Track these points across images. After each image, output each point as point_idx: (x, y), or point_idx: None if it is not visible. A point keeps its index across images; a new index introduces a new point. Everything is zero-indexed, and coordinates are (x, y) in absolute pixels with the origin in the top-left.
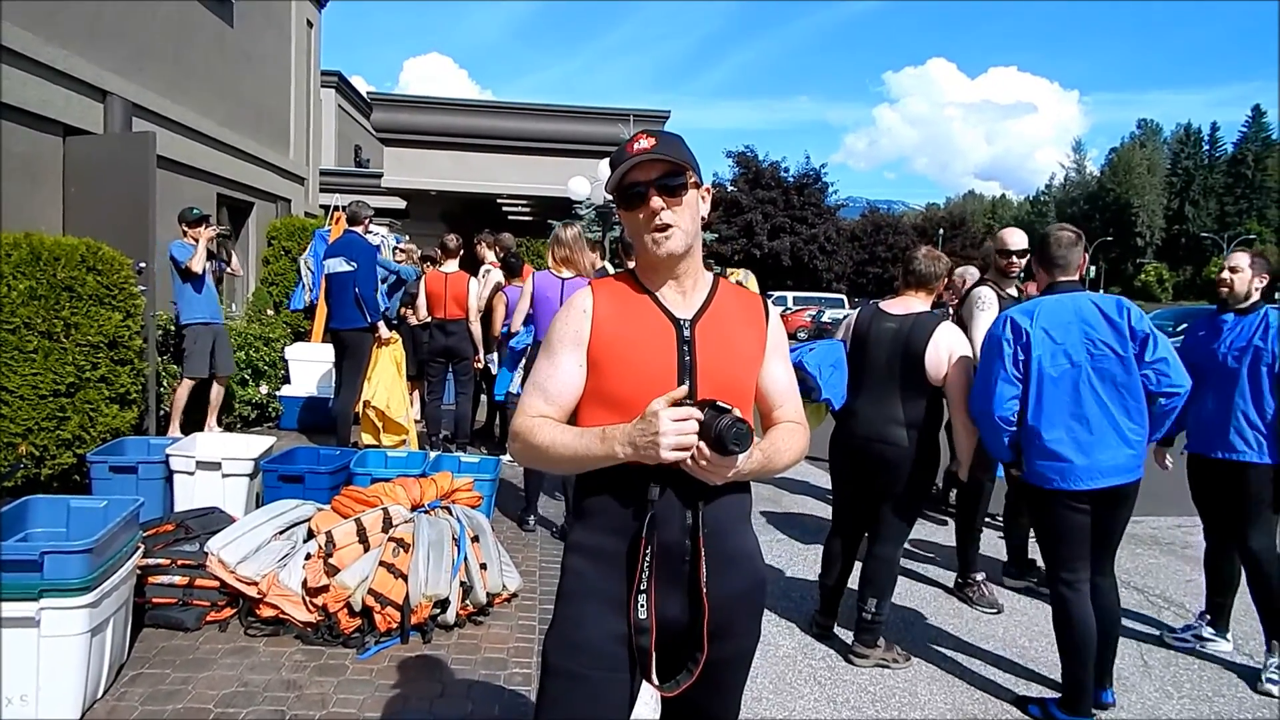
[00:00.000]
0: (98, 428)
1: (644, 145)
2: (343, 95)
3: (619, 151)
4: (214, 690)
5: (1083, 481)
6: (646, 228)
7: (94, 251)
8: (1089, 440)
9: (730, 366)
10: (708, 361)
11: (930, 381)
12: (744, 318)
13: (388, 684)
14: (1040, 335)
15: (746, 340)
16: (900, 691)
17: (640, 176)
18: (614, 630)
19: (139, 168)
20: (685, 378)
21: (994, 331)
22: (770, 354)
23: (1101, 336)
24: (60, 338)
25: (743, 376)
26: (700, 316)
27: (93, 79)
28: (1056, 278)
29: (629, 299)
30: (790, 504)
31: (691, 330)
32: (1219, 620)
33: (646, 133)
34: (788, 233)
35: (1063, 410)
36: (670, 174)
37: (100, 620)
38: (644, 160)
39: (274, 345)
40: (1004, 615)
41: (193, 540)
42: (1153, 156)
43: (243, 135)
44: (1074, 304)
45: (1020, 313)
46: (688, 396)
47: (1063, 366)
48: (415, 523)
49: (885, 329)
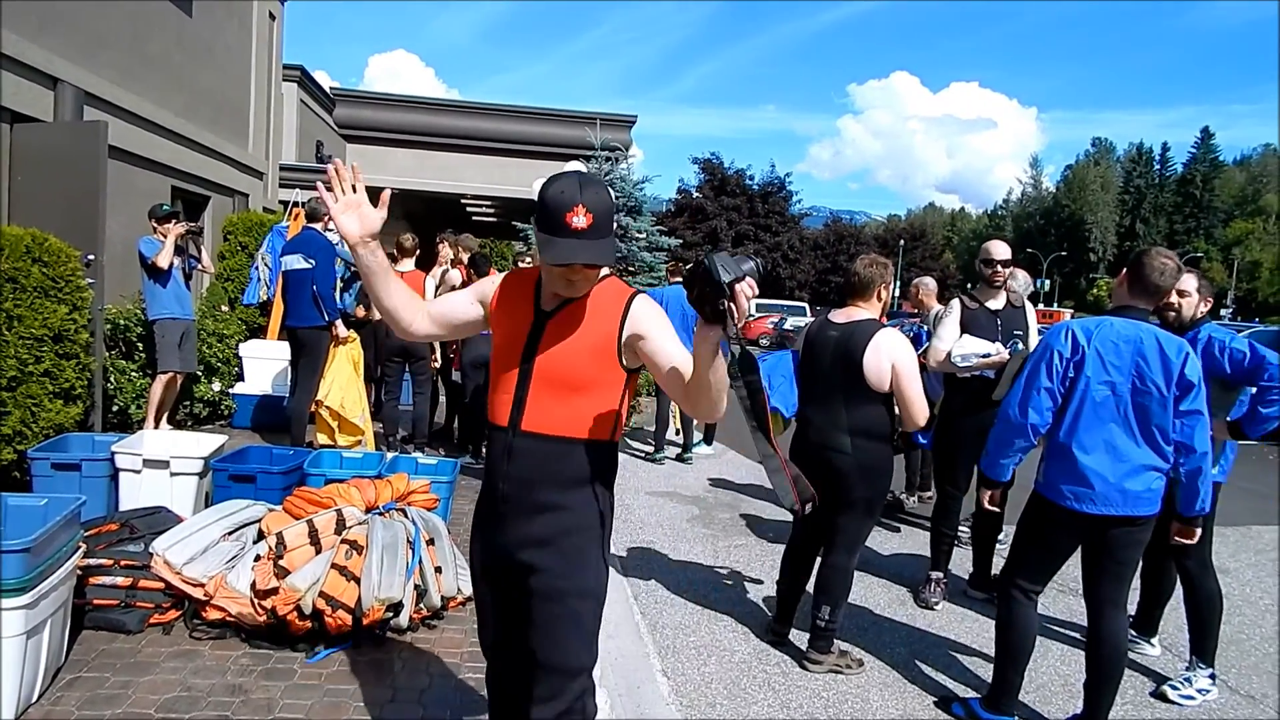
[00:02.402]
0: (40, 423)
1: (581, 225)
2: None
3: (557, 212)
4: (155, 695)
5: (1097, 507)
6: (562, 278)
7: (40, 242)
8: (1116, 468)
9: (568, 353)
10: (547, 345)
11: (873, 388)
12: (599, 311)
13: (337, 689)
14: (1094, 355)
15: (595, 331)
16: (853, 697)
17: (570, 257)
18: (481, 554)
19: (90, 157)
20: (526, 360)
21: (1049, 340)
22: (646, 335)
23: (1152, 375)
24: (2, 330)
25: (582, 362)
26: (558, 311)
27: (43, 65)
28: (1134, 301)
29: (522, 288)
30: (750, 509)
31: (545, 321)
32: (1147, 629)
33: (583, 204)
34: (752, 240)
35: (1097, 434)
36: (594, 265)
37: (37, 622)
38: (578, 253)
39: (228, 342)
40: (959, 622)
41: (137, 540)
42: (1106, 174)
43: (200, 128)
44: (1136, 333)
45: (1081, 328)
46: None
47: (1105, 393)
48: (369, 525)
49: (829, 337)
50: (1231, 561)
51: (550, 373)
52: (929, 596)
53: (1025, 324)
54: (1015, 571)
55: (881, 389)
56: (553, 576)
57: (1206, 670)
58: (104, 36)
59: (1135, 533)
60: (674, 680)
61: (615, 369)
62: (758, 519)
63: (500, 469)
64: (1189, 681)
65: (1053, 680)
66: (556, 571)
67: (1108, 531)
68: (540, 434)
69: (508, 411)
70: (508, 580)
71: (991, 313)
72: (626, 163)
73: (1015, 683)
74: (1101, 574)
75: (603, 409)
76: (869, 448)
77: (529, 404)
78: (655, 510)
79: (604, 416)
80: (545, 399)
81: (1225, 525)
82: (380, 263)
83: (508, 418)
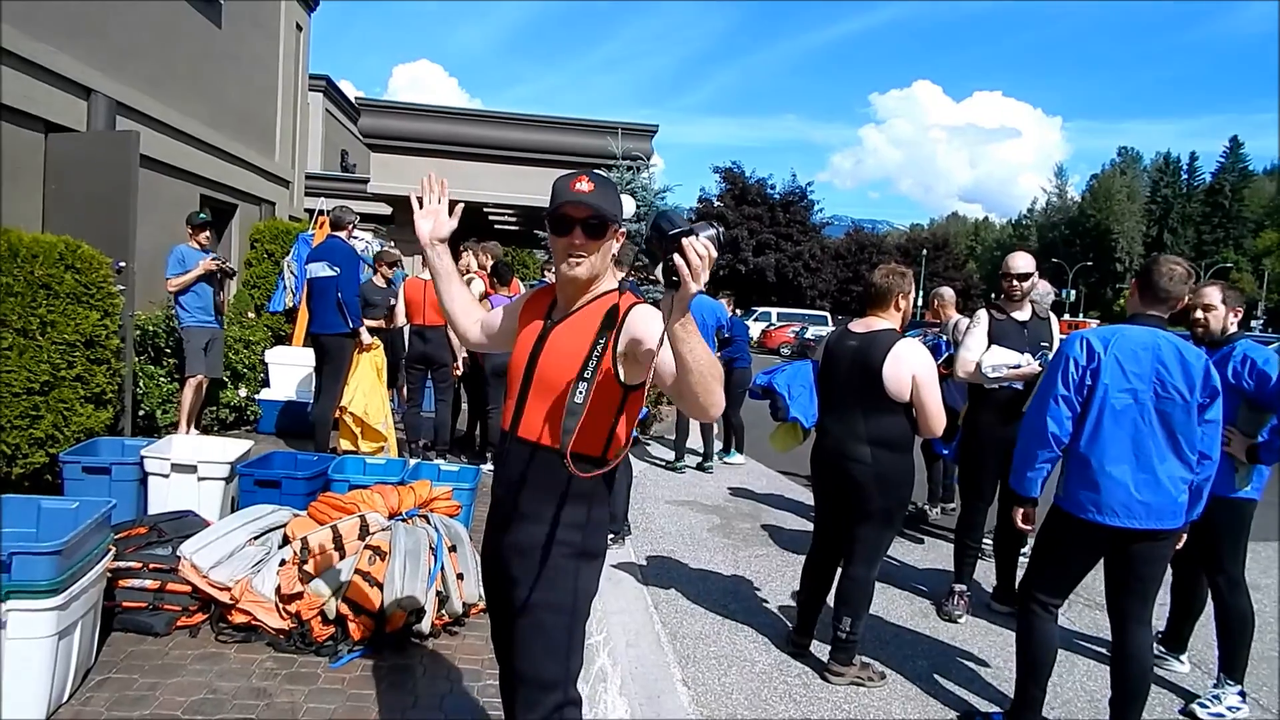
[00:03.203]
0: (71, 427)
1: (583, 188)
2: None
3: (564, 183)
4: (182, 697)
5: (1119, 519)
6: (564, 254)
7: (73, 249)
8: (1138, 478)
9: (562, 362)
10: (547, 354)
11: (892, 398)
12: (596, 322)
13: (359, 693)
14: (1112, 363)
15: (590, 341)
16: (875, 710)
17: (572, 212)
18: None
19: (121, 166)
20: (530, 367)
21: (1065, 349)
22: (644, 339)
23: (1173, 381)
24: (36, 335)
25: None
26: (562, 320)
27: (77, 75)
28: (1147, 309)
29: (541, 302)
30: (771, 519)
31: (550, 330)
32: (1176, 646)
33: (588, 176)
34: (773, 249)
35: (1118, 445)
36: (594, 218)
37: (68, 623)
38: (579, 201)
39: (254, 348)
40: (982, 636)
41: (165, 544)
42: (1132, 184)
43: (227, 137)
44: (1154, 340)
45: (1096, 336)
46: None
47: (1126, 400)
48: (392, 531)
49: (847, 347)
50: (1263, 578)
51: (545, 380)
52: (952, 609)
53: (1050, 335)
54: (1034, 585)
55: (901, 399)
56: (524, 588)
57: (1235, 687)
58: (134, 47)
59: (1158, 547)
60: (694, 690)
61: (610, 381)
62: (778, 529)
63: (498, 474)
64: (1218, 699)
65: (1078, 696)
66: (528, 584)
67: (1129, 546)
68: (529, 440)
69: (510, 417)
70: (497, 586)
71: (1019, 324)
72: (648, 172)
73: (1037, 697)
74: (1125, 591)
75: (593, 423)
76: (888, 458)
77: (525, 411)
78: (676, 519)
79: (594, 431)
80: (538, 407)
81: (1256, 541)
82: (447, 266)
83: (509, 423)
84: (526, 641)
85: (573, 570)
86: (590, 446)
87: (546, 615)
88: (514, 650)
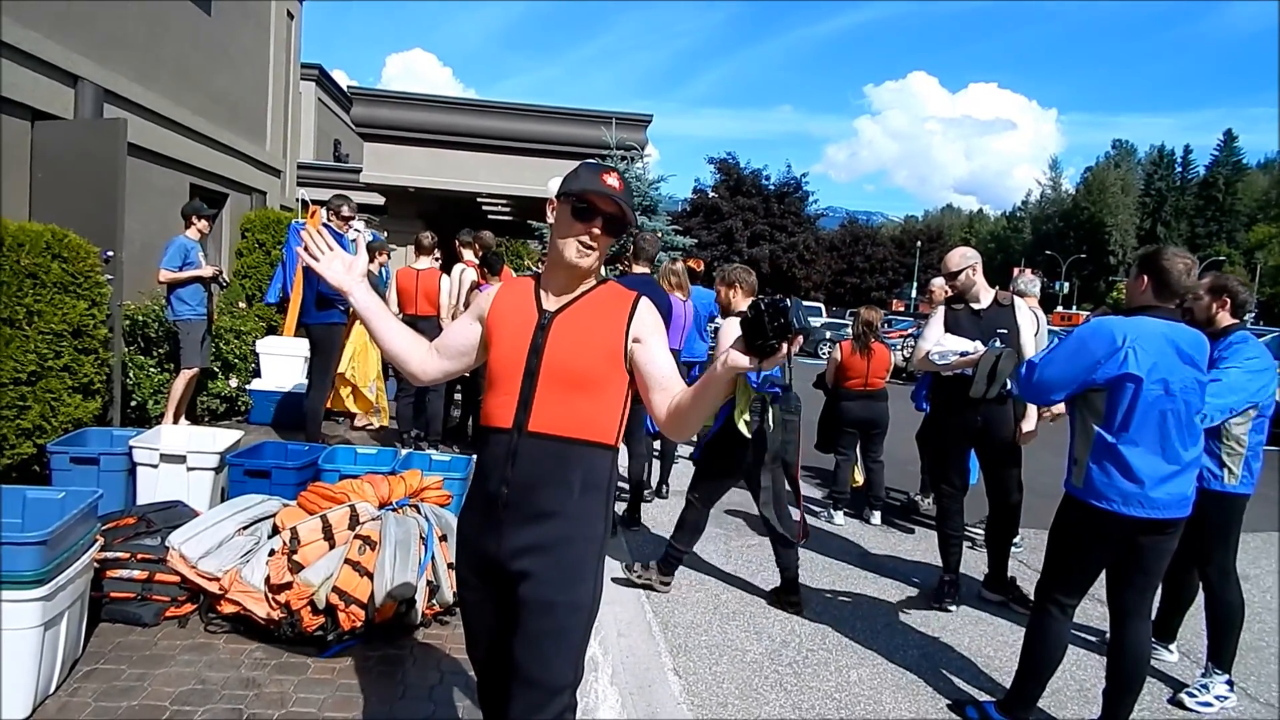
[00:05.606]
0: (59, 417)
1: (614, 184)
2: (323, 89)
3: (592, 172)
4: (170, 687)
5: (1143, 509)
6: (579, 239)
7: (60, 238)
8: (1165, 470)
9: (577, 351)
10: (556, 344)
11: None
12: (606, 311)
13: (349, 684)
14: (1141, 353)
15: (605, 329)
16: (865, 698)
17: (600, 204)
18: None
19: (109, 155)
20: (533, 359)
21: (1083, 332)
22: (645, 340)
23: (1194, 370)
24: (23, 325)
25: (590, 361)
26: (563, 310)
27: (63, 63)
28: (1159, 301)
29: (521, 294)
30: None
31: (551, 320)
32: (1165, 636)
33: (617, 172)
34: (767, 240)
35: (1149, 435)
36: (618, 217)
37: (54, 614)
38: (610, 196)
39: (245, 338)
40: (973, 625)
41: (154, 534)
42: (1126, 177)
43: (218, 126)
44: (1171, 331)
45: (1117, 325)
46: None
47: (1157, 391)
48: (383, 521)
49: None
50: (1252, 568)
51: (560, 371)
52: (942, 599)
53: (1013, 322)
54: (1052, 584)
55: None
56: (546, 587)
57: (1223, 677)
58: (123, 35)
59: (1164, 541)
60: (686, 679)
61: (620, 370)
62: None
63: (500, 473)
64: (1206, 688)
65: (1068, 685)
66: (551, 582)
67: (1139, 539)
68: (548, 434)
69: (511, 413)
70: (499, 590)
71: (974, 313)
72: (642, 162)
73: (1034, 694)
74: (1128, 585)
75: (608, 411)
76: None
77: (536, 404)
78: (667, 509)
79: (609, 419)
80: (553, 399)
81: (1246, 531)
82: (378, 302)
83: (511, 419)
84: (543, 644)
85: (594, 567)
86: (608, 435)
87: (569, 616)
88: (524, 654)
